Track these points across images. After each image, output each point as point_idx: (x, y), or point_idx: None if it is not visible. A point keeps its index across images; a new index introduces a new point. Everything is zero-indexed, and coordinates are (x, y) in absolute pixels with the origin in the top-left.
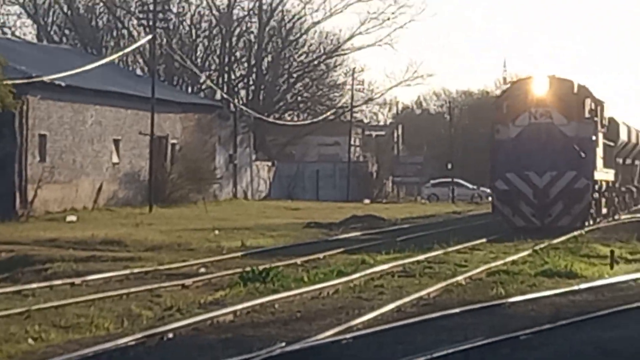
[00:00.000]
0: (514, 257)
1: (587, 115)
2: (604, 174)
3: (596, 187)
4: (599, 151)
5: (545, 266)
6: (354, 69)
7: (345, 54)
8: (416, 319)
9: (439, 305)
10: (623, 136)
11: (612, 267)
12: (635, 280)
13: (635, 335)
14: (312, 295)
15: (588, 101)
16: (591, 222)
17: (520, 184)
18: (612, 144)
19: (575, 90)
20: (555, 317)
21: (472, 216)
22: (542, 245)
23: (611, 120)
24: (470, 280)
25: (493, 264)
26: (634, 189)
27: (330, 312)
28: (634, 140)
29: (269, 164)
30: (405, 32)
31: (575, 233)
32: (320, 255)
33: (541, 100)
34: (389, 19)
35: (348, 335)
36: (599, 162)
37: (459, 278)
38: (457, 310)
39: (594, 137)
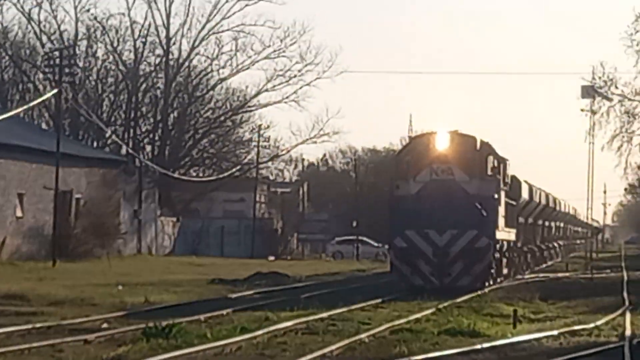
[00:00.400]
0: (418, 315)
1: (489, 172)
2: (505, 234)
3: (497, 246)
4: (501, 210)
5: (449, 325)
6: (260, 125)
7: (251, 110)
8: None
9: None
10: (525, 195)
11: (514, 327)
12: (537, 339)
13: None
14: (215, 352)
15: (490, 158)
16: (491, 283)
17: (420, 242)
18: (514, 202)
19: (478, 146)
20: None
21: (377, 274)
22: (445, 304)
23: (513, 178)
24: (374, 338)
25: (396, 322)
26: (536, 249)
27: None
28: (535, 199)
29: (174, 219)
30: (311, 90)
31: (478, 292)
32: (224, 312)
33: (443, 156)
34: (295, 76)
35: None
36: (501, 221)
37: (362, 336)
38: None
39: (496, 195)
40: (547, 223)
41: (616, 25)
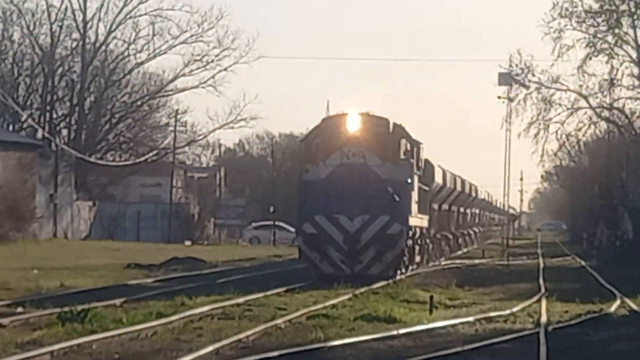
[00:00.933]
0: (334, 301)
1: (402, 156)
2: (418, 220)
3: (410, 233)
4: (415, 195)
5: (365, 311)
6: (177, 110)
7: (168, 95)
8: None
9: (258, 348)
10: (438, 180)
11: (431, 313)
12: (453, 326)
13: None
14: (131, 337)
15: (404, 141)
16: (403, 271)
17: (330, 228)
18: (427, 188)
19: (391, 129)
20: None
21: (294, 259)
22: (362, 290)
23: (426, 162)
24: (290, 323)
25: (313, 308)
26: (451, 236)
27: (148, 353)
28: (450, 185)
29: (90, 204)
30: (229, 75)
31: (389, 281)
32: (140, 296)
33: (354, 138)
34: (212, 61)
35: None
36: (414, 206)
37: (279, 321)
38: (275, 353)
39: (409, 180)
40: (462, 210)
41: (533, 13)
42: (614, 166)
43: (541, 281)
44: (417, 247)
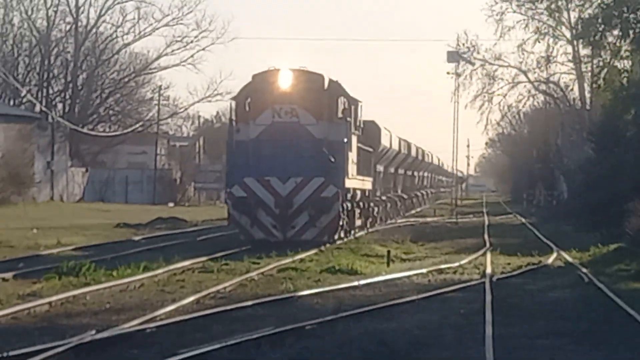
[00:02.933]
0: (302, 256)
1: (339, 115)
2: (358, 182)
3: (348, 196)
4: (352, 156)
5: (330, 264)
6: (161, 86)
7: (153, 72)
8: (213, 311)
9: (234, 298)
10: (385, 142)
11: (388, 265)
12: (408, 277)
13: (406, 326)
14: (120, 289)
15: (341, 100)
16: (342, 235)
17: (260, 191)
18: (370, 149)
19: (326, 85)
20: (338, 310)
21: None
22: (327, 245)
23: (371, 124)
24: (263, 276)
25: (283, 262)
26: (397, 198)
27: (136, 303)
28: (395, 147)
29: (83, 170)
30: (206, 54)
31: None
32: (129, 252)
33: (286, 95)
34: (192, 42)
35: (152, 325)
36: (352, 168)
37: (253, 274)
38: (249, 303)
39: (345, 140)
40: (412, 172)
41: None
42: (550, 134)
43: (486, 237)
44: (357, 211)
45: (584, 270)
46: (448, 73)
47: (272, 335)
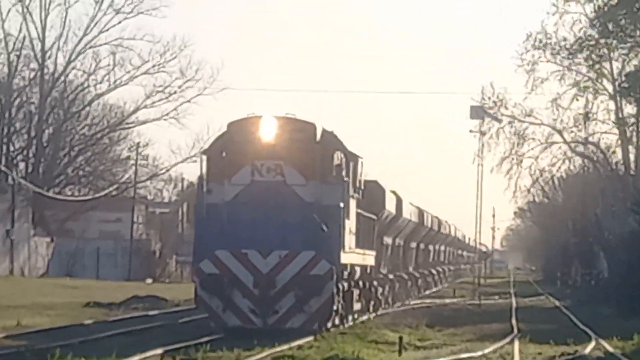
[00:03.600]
0: (300, 342)
1: (334, 173)
2: (357, 256)
3: (345, 273)
4: (351, 225)
5: (332, 352)
6: (139, 143)
7: (129, 127)
8: None
9: None
10: (390, 207)
11: (400, 354)
12: None
13: None
14: None
15: (337, 154)
16: (337, 322)
17: (236, 267)
18: (372, 216)
19: (318, 137)
20: None
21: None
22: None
23: (373, 185)
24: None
25: (278, 349)
26: (407, 277)
27: None
28: (406, 215)
29: (48, 239)
30: (192, 107)
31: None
32: (99, 336)
33: (269, 149)
34: (175, 92)
35: None
36: (350, 239)
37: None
38: None
39: (342, 204)
40: (425, 246)
41: (507, 45)
42: (588, 202)
43: (514, 321)
44: (355, 292)
45: None
46: (471, 131)
47: None
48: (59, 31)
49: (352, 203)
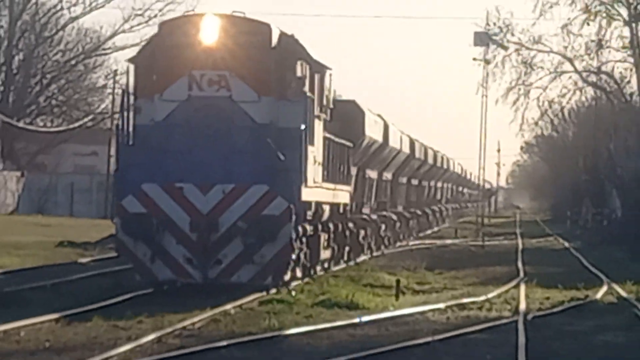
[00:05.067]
0: (305, 279)
1: (294, 87)
2: (326, 193)
3: (308, 214)
4: (316, 152)
5: (324, 296)
6: (116, 70)
7: (106, 54)
8: (178, 353)
9: (205, 337)
10: (372, 133)
11: (397, 298)
12: (421, 313)
13: None
14: (62, 323)
15: (299, 64)
16: (298, 275)
17: (168, 205)
18: (348, 144)
19: (275, 42)
20: (332, 354)
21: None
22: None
23: (350, 105)
24: (240, 309)
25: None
26: (395, 217)
27: (82, 342)
28: (394, 144)
29: (18, 174)
30: None
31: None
32: (73, 278)
33: (211, 55)
34: (156, 16)
35: None
36: (315, 170)
37: (228, 307)
38: (224, 343)
39: (304, 126)
40: (419, 182)
41: None
42: (600, 137)
43: (520, 264)
44: (323, 236)
45: None
46: (475, 59)
47: None
48: None
49: (318, 125)
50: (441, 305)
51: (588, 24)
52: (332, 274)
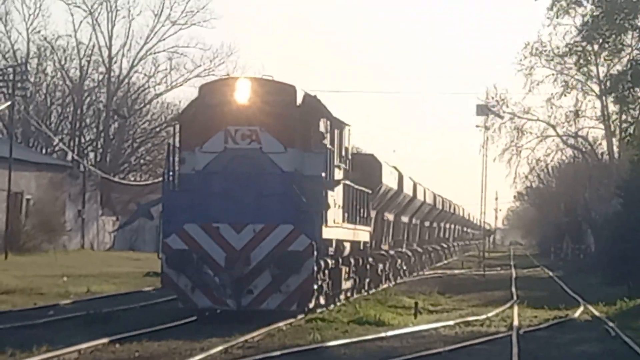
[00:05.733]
0: (330, 306)
1: (316, 140)
2: (346, 232)
3: (330, 250)
4: (336, 197)
5: (357, 315)
6: None
7: None
8: None
9: (262, 348)
10: (388, 182)
11: (415, 317)
12: (435, 329)
13: None
14: (148, 337)
15: (320, 120)
16: (322, 302)
17: (206, 242)
18: (367, 190)
19: (299, 101)
20: None
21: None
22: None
23: (369, 158)
24: (290, 326)
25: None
26: (410, 253)
27: (165, 352)
28: (408, 192)
29: (114, 218)
30: None
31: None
32: (158, 301)
33: (244, 114)
34: None
35: None
36: (336, 213)
37: (280, 324)
38: (278, 353)
39: (324, 174)
40: (430, 223)
41: (509, 51)
42: (578, 187)
43: (513, 289)
44: (344, 269)
45: (611, 324)
46: (477, 126)
47: None
48: (123, 40)
49: (338, 174)
50: (451, 323)
51: (566, 95)
52: (363, 298)
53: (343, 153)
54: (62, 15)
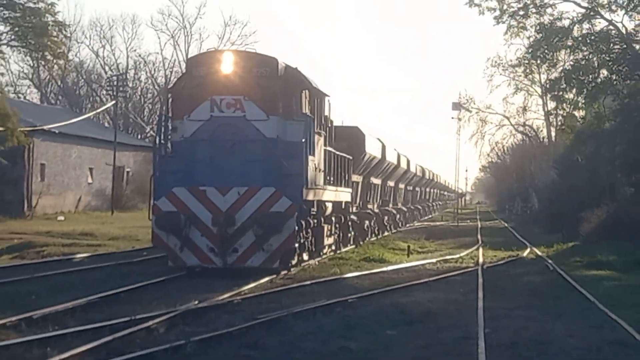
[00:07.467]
0: (346, 249)
1: (296, 108)
2: (328, 193)
3: (312, 210)
4: (318, 161)
5: (366, 255)
6: None
7: None
8: (282, 288)
9: (297, 279)
10: (372, 150)
11: (408, 256)
12: (423, 264)
13: (421, 300)
14: (189, 274)
15: (301, 90)
16: (305, 258)
17: (194, 205)
18: (348, 156)
19: (280, 72)
20: (371, 288)
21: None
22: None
23: (354, 129)
24: (318, 263)
25: (331, 253)
26: (395, 211)
27: (226, 283)
28: (392, 160)
29: None
30: None
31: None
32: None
33: (228, 84)
34: None
35: (238, 297)
36: (317, 176)
37: (311, 262)
38: (308, 282)
39: (304, 140)
40: (415, 188)
41: (475, 64)
42: (525, 162)
43: (479, 236)
44: (326, 227)
45: (550, 261)
46: (452, 118)
47: (325, 306)
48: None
49: (319, 140)
50: (434, 260)
51: (516, 94)
52: (369, 242)
53: (322, 121)
54: (152, 38)
